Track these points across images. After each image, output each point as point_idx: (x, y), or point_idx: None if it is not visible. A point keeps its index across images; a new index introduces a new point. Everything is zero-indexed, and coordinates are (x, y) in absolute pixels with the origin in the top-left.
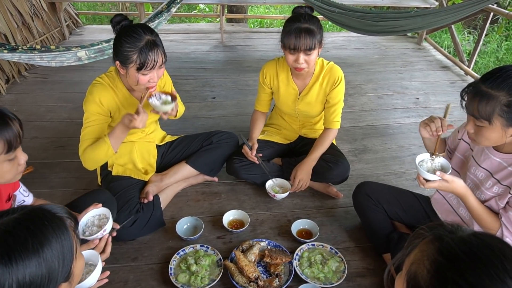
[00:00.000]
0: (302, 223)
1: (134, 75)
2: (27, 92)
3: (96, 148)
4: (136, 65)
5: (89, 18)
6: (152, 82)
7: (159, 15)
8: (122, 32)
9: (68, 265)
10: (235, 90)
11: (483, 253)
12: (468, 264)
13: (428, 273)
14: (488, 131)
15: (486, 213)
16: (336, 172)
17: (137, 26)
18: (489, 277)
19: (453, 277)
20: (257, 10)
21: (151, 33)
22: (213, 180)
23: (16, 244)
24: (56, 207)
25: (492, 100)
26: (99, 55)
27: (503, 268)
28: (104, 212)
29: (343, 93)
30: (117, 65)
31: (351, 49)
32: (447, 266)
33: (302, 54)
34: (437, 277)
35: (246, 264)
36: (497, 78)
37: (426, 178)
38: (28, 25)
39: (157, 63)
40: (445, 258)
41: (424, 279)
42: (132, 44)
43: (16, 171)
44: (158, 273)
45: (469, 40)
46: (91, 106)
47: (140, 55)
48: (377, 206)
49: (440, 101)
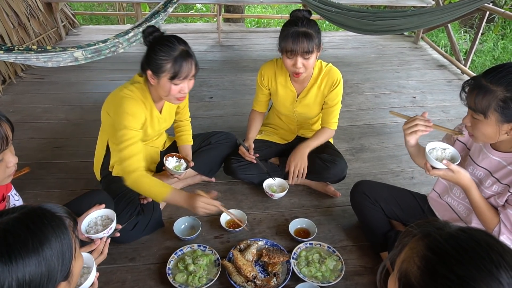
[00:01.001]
0: (299, 222)
1: (166, 85)
2: (23, 92)
3: (153, 186)
4: (170, 75)
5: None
6: (183, 93)
7: (156, 15)
8: (156, 41)
9: (67, 264)
10: (232, 90)
11: (470, 246)
12: (456, 258)
13: (419, 269)
14: (483, 125)
15: (487, 208)
16: (333, 171)
17: (171, 36)
18: (477, 269)
19: (443, 271)
20: (254, 10)
21: (184, 43)
22: (211, 181)
23: (16, 243)
24: (55, 206)
25: (489, 94)
26: (95, 55)
27: (489, 259)
28: (107, 213)
29: (341, 95)
30: (149, 74)
31: (348, 48)
32: (436, 261)
33: (300, 58)
34: (427, 273)
35: (244, 264)
36: (498, 73)
37: (433, 165)
38: (24, 25)
39: (190, 73)
40: (434, 254)
41: (415, 276)
42: (167, 53)
43: (4, 174)
44: (156, 273)
45: (465, 39)
46: (130, 122)
47: (175, 64)
48: (375, 205)
49: (437, 99)
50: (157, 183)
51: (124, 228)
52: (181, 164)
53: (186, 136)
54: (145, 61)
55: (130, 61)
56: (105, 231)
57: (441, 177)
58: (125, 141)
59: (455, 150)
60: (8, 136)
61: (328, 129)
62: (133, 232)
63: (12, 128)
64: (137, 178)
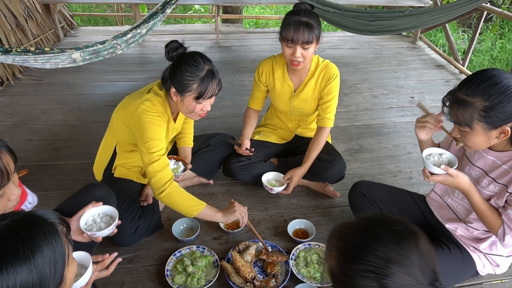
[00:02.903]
0: (298, 223)
1: (190, 104)
2: (21, 94)
3: (186, 201)
4: (195, 95)
5: (84, 20)
6: (205, 110)
7: (154, 16)
8: (181, 60)
9: (60, 271)
10: (231, 90)
11: (365, 225)
12: (359, 237)
13: (336, 261)
14: (472, 136)
15: (489, 210)
16: (332, 171)
17: (196, 55)
18: (373, 240)
19: (352, 250)
20: (253, 11)
21: (209, 62)
22: (209, 183)
23: (6, 251)
24: (47, 212)
25: (469, 106)
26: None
27: (383, 235)
28: (104, 210)
29: (338, 90)
30: (172, 92)
31: (346, 48)
32: (344, 246)
33: (299, 48)
34: (342, 259)
35: (243, 265)
36: (471, 85)
37: (432, 171)
38: (22, 27)
39: (215, 92)
40: (341, 241)
41: (335, 269)
42: (193, 73)
43: (5, 208)
44: (154, 275)
45: (463, 38)
46: (157, 133)
47: (201, 85)
48: (373, 205)
49: (435, 99)
50: (190, 198)
51: (125, 231)
52: (179, 167)
53: (187, 138)
54: (169, 77)
55: (128, 62)
56: (110, 227)
57: (441, 182)
58: (156, 152)
59: (452, 154)
60: (8, 169)
61: (324, 129)
62: (134, 235)
63: (15, 158)
64: (172, 191)
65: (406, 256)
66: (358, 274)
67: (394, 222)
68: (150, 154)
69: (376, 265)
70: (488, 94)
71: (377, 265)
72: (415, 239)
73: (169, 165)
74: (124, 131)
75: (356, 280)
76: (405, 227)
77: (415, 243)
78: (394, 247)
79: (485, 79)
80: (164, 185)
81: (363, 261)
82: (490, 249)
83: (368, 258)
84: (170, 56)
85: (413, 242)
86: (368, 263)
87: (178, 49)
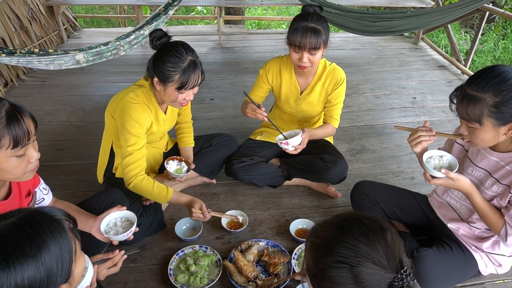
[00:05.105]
0: (300, 223)
1: (172, 93)
2: (25, 95)
3: (154, 189)
4: (177, 85)
5: (87, 21)
6: (187, 100)
7: (157, 18)
8: (164, 50)
9: (67, 267)
10: (233, 91)
11: (337, 221)
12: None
13: (311, 256)
14: (480, 132)
15: (491, 210)
16: (334, 172)
17: (179, 45)
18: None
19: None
20: (255, 12)
21: (192, 52)
22: (212, 182)
23: (14, 248)
24: (54, 209)
25: (479, 102)
26: (97, 58)
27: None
28: (126, 215)
29: (344, 94)
30: (155, 81)
31: (348, 49)
32: (318, 242)
33: (306, 53)
34: (315, 254)
35: (245, 264)
36: (481, 80)
37: (432, 175)
38: (26, 28)
39: (197, 83)
40: (315, 238)
41: (311, 264)
42: (175, 64)
43: (25, 169)
44: (157, 274)
45: (466, 39)
46: (135, 128)
47: (183, 76)
48: (375, 205)
49: (437, 100)
50: (158, 187)
51: None
52: (182, 167)
53: (187, 138)
54: (152, 67)
55: (131, 63)
56: (126, 233)
57: (442, 186)
58: (129, 146)
59: (452, 156)
60: (30, 131)
61: (330, 125)
62: (136, 233)
63: (35, 124)
64: (137, 182)
65: (373, 246)
66: (330, 266)
67: (363, 217)
68: (124, 148)
69: (346, 256)
70: (499, 89)
71: (346, 256)
72: (382, 231)
73: (142, 159)
74: (113, 125)
75: (329, 271)
76: (373, 221)
77: (381, 235)
78: (362, 239)
79: (495, 74)
80: (131, 178)
81: (333, 253)
82: (493, 248)
83: (338, 250)
84: (154, 44)
85: (379, 233)
86: (339, 254)
87: (162, 38)
